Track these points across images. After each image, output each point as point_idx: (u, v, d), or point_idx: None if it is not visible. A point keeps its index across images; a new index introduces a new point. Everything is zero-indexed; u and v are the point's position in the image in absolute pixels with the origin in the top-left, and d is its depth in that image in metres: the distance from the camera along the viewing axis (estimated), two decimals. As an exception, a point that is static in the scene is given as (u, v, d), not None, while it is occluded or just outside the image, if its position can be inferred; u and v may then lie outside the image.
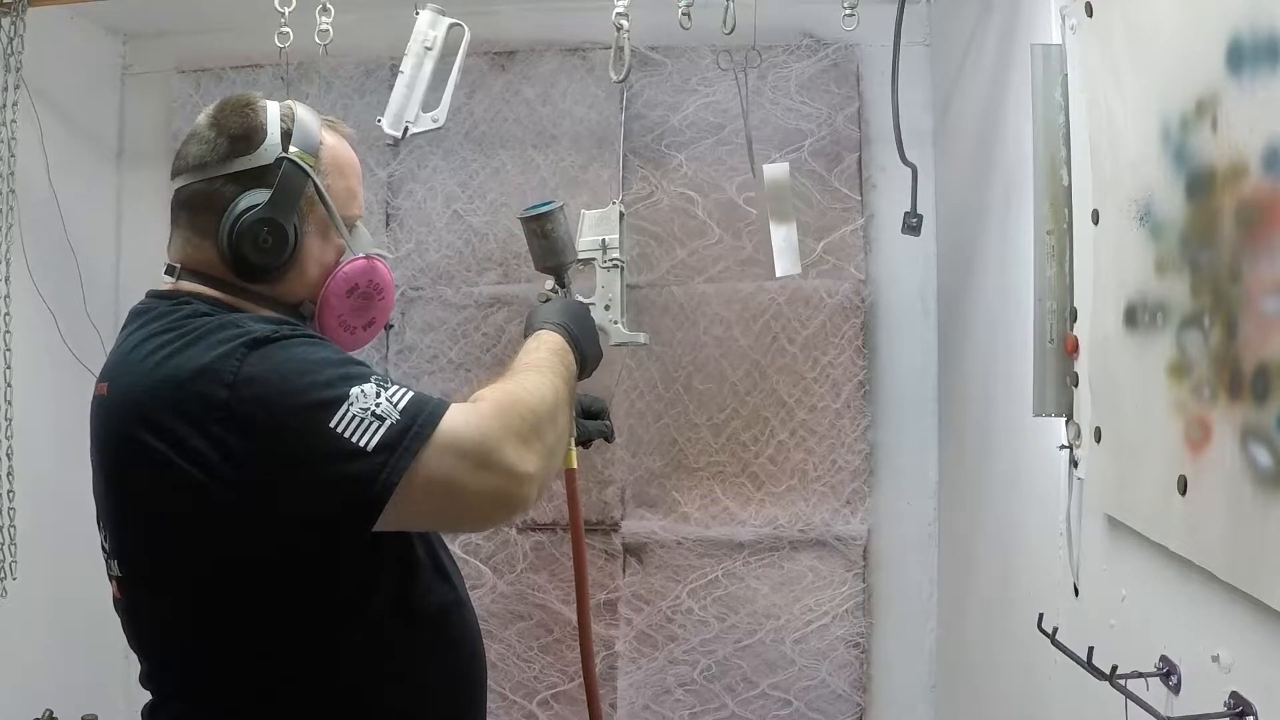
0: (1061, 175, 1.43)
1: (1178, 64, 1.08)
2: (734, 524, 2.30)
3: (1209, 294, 1.02)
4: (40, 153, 2.10)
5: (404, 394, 1.03)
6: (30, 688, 2.07)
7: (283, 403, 0.99)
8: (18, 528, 1.95)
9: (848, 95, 2.31)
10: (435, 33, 1.77)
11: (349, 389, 1.00)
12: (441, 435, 1.01)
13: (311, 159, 1.16)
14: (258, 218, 1.11)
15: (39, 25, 1.99)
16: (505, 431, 1.05)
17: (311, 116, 1.20)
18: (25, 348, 2.00)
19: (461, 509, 1.07)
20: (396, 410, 1.01)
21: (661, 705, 2.32)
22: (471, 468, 1.02)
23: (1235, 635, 1.00)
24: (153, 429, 1.00)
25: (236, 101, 1.17)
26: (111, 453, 1.07)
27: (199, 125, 1.17)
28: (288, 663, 1.07)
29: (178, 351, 1.03)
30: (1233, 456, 0.96)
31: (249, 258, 1.11)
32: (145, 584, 1.09)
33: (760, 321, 2.31)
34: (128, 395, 1.04)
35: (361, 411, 0.99)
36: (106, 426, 1.07)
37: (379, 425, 0.99)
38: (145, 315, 1.12)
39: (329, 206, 1.17)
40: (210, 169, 1.14)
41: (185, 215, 1.16)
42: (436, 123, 1.76)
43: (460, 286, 2.38)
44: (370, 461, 0.98)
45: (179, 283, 1.15)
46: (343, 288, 1.18)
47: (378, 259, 1.22)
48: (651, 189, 2.35)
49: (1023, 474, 1.68)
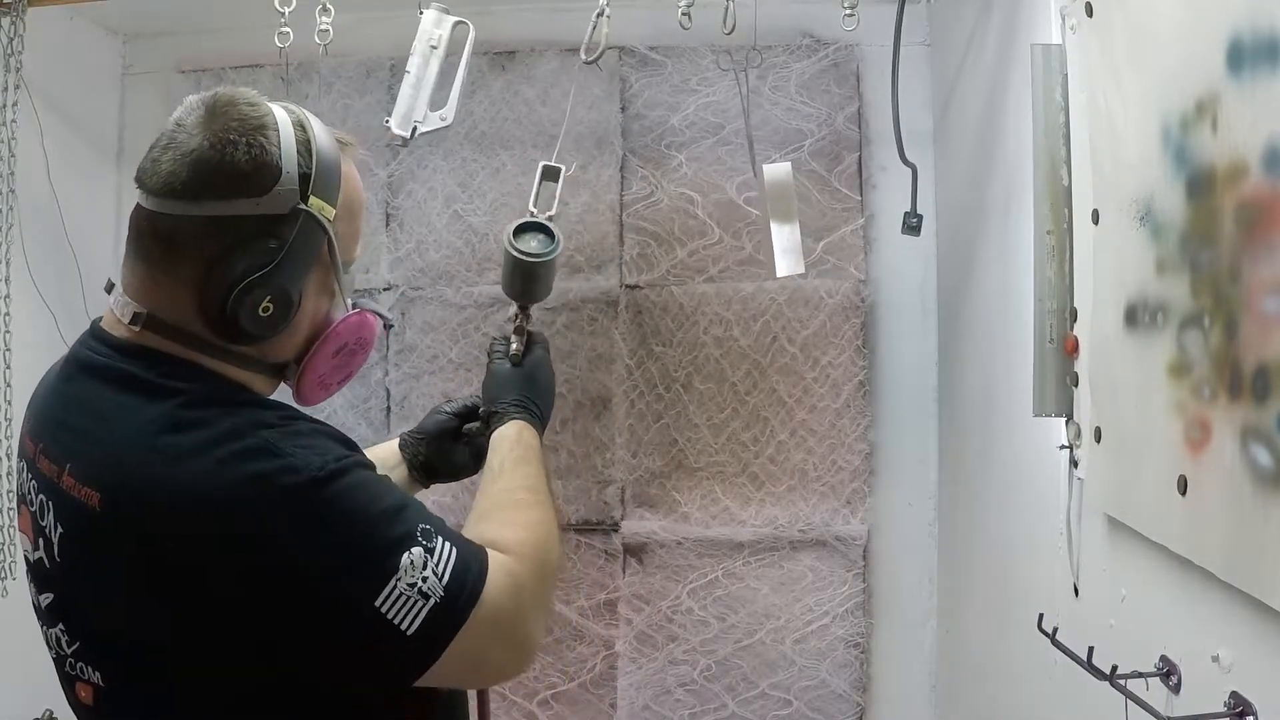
0: (1061, 175, 1.43)
1: (1178, 64, 1.08)
2: (734, 524, 2.30)
3: (1209, 294, 1.02)
4: (40, 153, 2.10)
5: (449, 559, 0.94)
6: (30, 688, 2.07)
7: (332, 563, 0.89)
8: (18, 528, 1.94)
9: (848, 95, 2.31)
10: (440, 31, 1.77)
11: (400, 558, 0.91)
12: (482, 610, 0.94)
13: (331, 210, 0.99)
14: (262, 283, 0.93)
15: (39, 25, 1.98)
16: (538, 605, 1.02)
17: (331, 146, 1.01)
18: (25, 348, 1.99)
19: (478, 679, 1.05)
20: (441, 586, 0.92)
21: (661, 705, 2.32)
22: (502, 644, 0.99)
23: (1235, 635, 1.00)
24: (181, 558, 0.88)
25: (242, 118, 0.96)
26: (109, 573, 0.92)
27: (189, 134, 0.95)
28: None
29: (213, 471, 0.88)
30: (1233, 456, 0.96)
31: (243, 326, 0.94)
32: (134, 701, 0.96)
33: (760, 321, 2.31)
34: (148, 514, 0.89)
35: (408, 589, 0.90)
36: (104, 544, 0.92)
37: (422, 605, 0.91)
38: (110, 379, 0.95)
39: (335, 260, 1.01)
40: (201, 204, 0.93)
41: (159, 250, 0.95)
42: (445, 121, 1.76)
43: (460, 286, 2.38)
44: (407, 648, 0.91)
45: (143, 334, 0.96)
46: (332, 348, 1.05)
47: (370, 313, 1.09)
48: (651, 189, 2.35)
49: (1023, 474, 1.68)
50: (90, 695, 0.98)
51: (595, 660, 2.34)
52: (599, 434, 2.34)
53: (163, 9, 2.37)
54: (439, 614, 0.92)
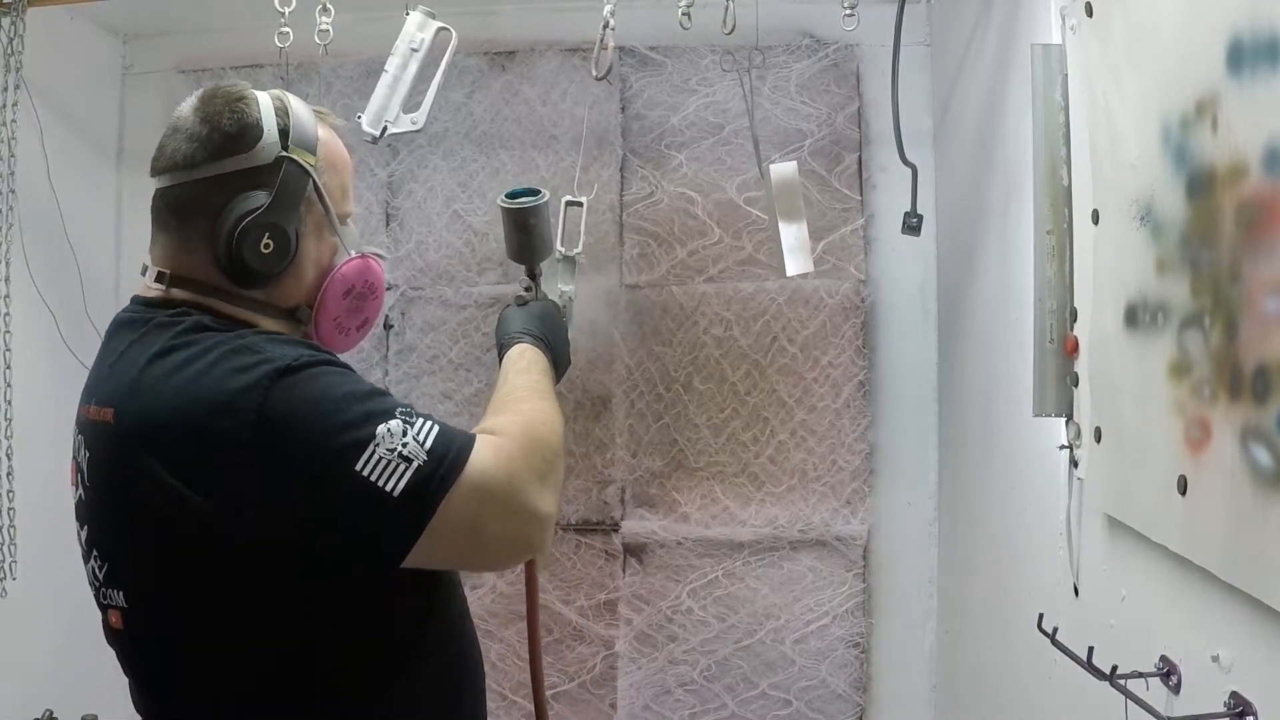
0: (1061, 175, 1.43)
1: (1178, 64, 1.08)
2: (734, 524, 2.30)
3: (1209, 294, 1.02)
4: (40, 153, 2.10)
5: (430, 430, 0.99)
6: (30, 688, 2.07)
7: (308, 444, 0.95)
8: (18, 528, 1.95)
9: (848, 95, 2.31)
10: (423, 35, 1.77)
11: (375, 428, 0.96)
12: (469, 476, 0.98)
13: (311, 157, 1.11)
14: (258, 222, 1.05)
15: (39, 25, 1.98)
16: (530, 472, 1.03)
17: (306, 110, 1.14)
18: (25, 348, 1.99)
19: (483, 552, 1.05)
20: (424, 450, 0.97)
21: (661, 705, 2.32)
22: (497, 512, 1.01)
23: (1235, 635, 1.00)
24: (169, 462, 0.96)
25: (226, 94, 1.09)
26: (120, 482, 1.01)
27: (184, 119, 1.09)
28: (296, 694, 1.04)
29: (195, 379, 0.97)
30: (1233, 456, 0.96)
31: (249, 264, 1.06)
32: (152, 615, 1.04)
33: (760, 321, 2.31)
34: (140, 424, 0.99)
35: (388, 453, 0.95)
36: (118, 455, 1.01)
37: (405, 468, 0.95)
38: (140, 327, 1.06)
39: (327, 206, 1.13)
40: (201, 168, 1.07)
41: (173, 218, 1.09)
42: (415, 125, 1.76)
43: (460, 286, 2.38)
44: (396, 509, 0.95)
45: (170, 291, 1.08)
46: (340, 290, 1.14)
47: (372, 257, 1.18)
48: (651, 189, 2.35)
49: (1023, 474, 1.68)
50: (119, 619, 1.05)
51: (595, 660, 2.34)
52: (599, 434, 2.34)
53: (163, 9, 2.37)
54: (423, 476, 0.96)
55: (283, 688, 1.03)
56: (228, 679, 1.03)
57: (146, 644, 1.06)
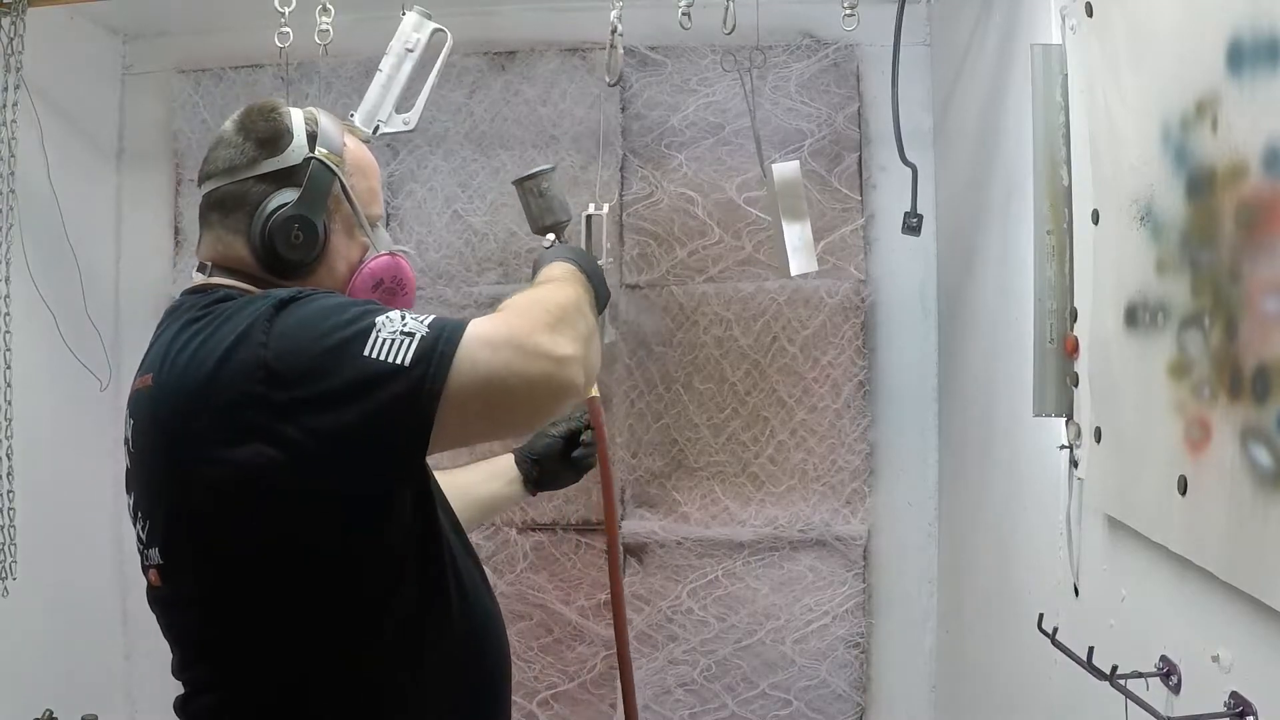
0: (1061, 175, 1.43)
1: (1178, 64, 1.08)
2: (734, 524, 2.30)
3: (1209, 294, 1.02)
4: (40, 153, 2.10)
5: (427, 316, 1.05)
6: (30, 688, 2.07)
7: (316, 346, 1.01)
8: (18, 528, 1.94)
9: (848, 95, 2.31)
10: (419, 35, 1.77)
11: (374, 318, 1.03)
12: (472, 336, 1.03)
13: (337, 159, 1.21)
14: (289, 214, 1.16)
15: (39, 25, 1.98)
16: (532, 323, 1.07)
17: (333, 122, 1.24)
18: (25, 348, 1.99)
19: (511, 401, 1.06)
20: (424, 326, 1.03)
21: (662, 705, 2.32)
22: (509, 356, 1.03)
23: (1235, 635, 1.00)
24: (200, 413, 1.03)
25: (262, 107, 1.21)
26: (157, 441, 1.09)
27: (226, 132, 1.21)
28: (323, 656, 1.09)
29: (213, 334, 1.05)
30: (1233, 456, 0.96)
31: (281, 253, 1.16)
32: (186, 572, 1.10)
33: (760, 321, 2.31)
34: (170, 384, 1.07)
35: (391, 335, 1.02)
36: (152, 416, 1.09)
37: (410, 341, 1.01)
38: (179, 310, 1.15)
39: (354, 205, 1.22)
40: (240, 171, 1.18)
41: (216, 215, 1.20)
42: (408, 125, 1.76)
43: (460, 286, 2.38)
44: (411, 375, 1.00)
45: (211, 278, 1.19)
46: (369, 282, 1.22)
47: (401, 256, 1.26)
48: (651, 189, 2.35)
49: (1023, 474, 1.68)
50: (156, 576, 1.12)
51: (595, 660, 2.34)
52: (599, 434, 2.33)
53: (163, 9, 2.37)
54: (428, 343, 1.02)
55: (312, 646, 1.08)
56: (256, 638, 1.08)
57: (179, 603, 1.12)
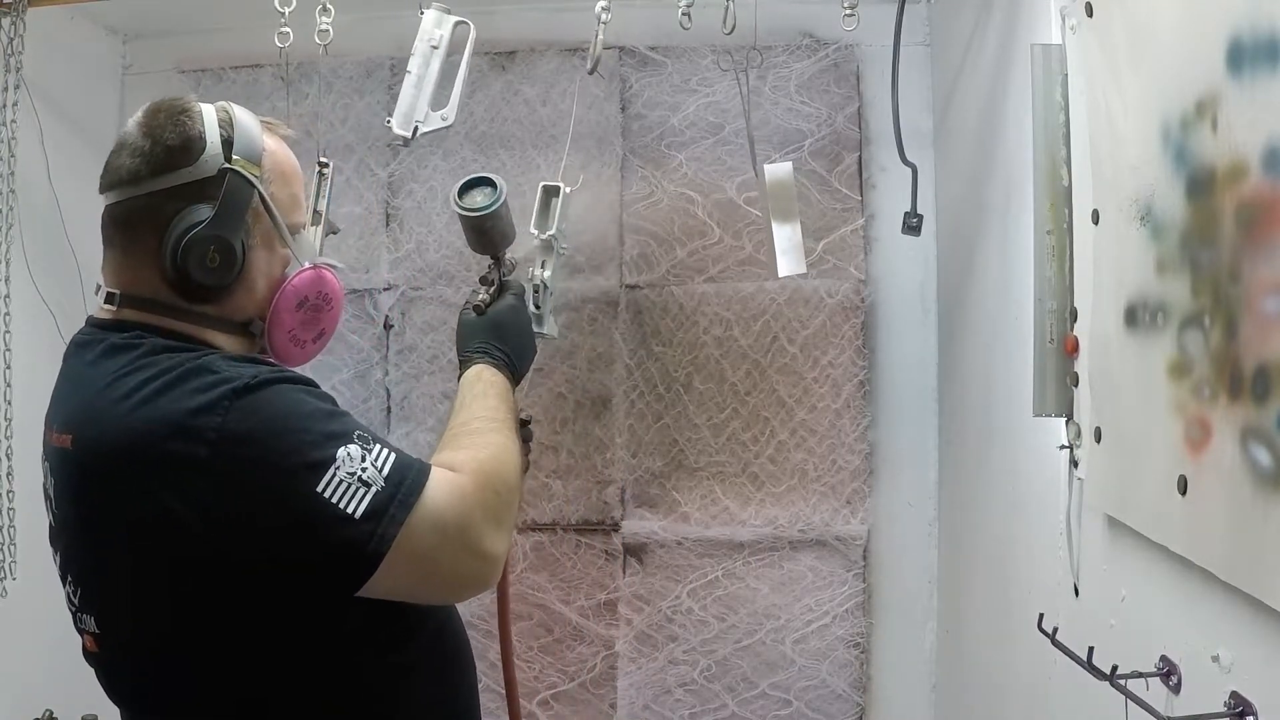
0: (1061, 175, 1.43)
1: (1178, 64, 1.08)
2: (734, 524, 2.30)
3: (1209, 294, 1.02)
4: (40, 153, 2.10)
5: (387, 457, 1.00)
6: (30, 688, 2.07)
7: (270, 463, 0.95)
8: (18, 528, 1.94)
9: (848, 95, 2.31)
10: (441, 31, 1.77)
11: (335, 450, 0.97)
12: (425, 508, 0.99)
13: (255, 168, 1.09)
14: (203, 236, 1.04)
15: (39, 25, 1.98)
16: (484, 512, 1.05)
17: (251, 120, 1.12)
18: (25, 348, 1.99)
19: (437, 584, 1.05)
20: (381, 476, 0.98)
21: (661, 705, 2.32)
22: (451, 548, 1.02)
23: (1235, 635, 1.00)
24: (128, 485, 0.96)
25: (170, 107, 1.09)
26: (83, 511, 1.02)
27: (129, 135, 1.09)
28: (274, 713, 1.03)
29: (150, 399, 0.96)
30: (1233, 456, 0.96)
31: (195, 279, 1.05)
32: (124, 639, 1.04)
33: (760, 321, 2.31)
34: (98, 448, 0.98)
35: (348, 476, 0.96)
36: (76, 481, 1.01)
37: (365, 491, 0.97)
38: (94, 349, 1.05)
39: (275, 217, 1.11)
40: (146, 183, 1.06)
41: (120, 235, 1.09)
42: (446, 121, 1.76)
43: (460, 286, 2.38)
44: (359, 529, 0.96)
45: (120, 311, 1.08)
46: (292, 301, 1.13)
47: (325, 268, 1.17)
48: (651, 189, 2.35)
49: (1023, 474, 1.68)
50: (93, 643, 1.06)
51: (595, 660, 2.34)
52: (599, 434, 2.34)
53: (163, 9, 2.37)
54: (382, 500, 0.97)
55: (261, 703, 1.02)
56: (200, 697, 1.02)
57: (119, 668, 1.06)
